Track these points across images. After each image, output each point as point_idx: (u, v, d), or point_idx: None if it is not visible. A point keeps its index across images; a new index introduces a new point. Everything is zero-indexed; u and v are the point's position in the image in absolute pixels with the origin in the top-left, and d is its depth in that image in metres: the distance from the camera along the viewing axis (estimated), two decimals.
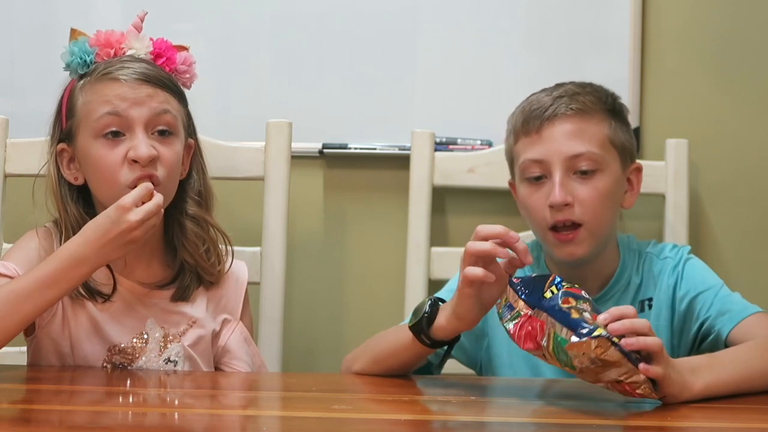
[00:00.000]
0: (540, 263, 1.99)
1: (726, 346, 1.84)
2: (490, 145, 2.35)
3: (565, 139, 1.89)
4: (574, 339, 1.53)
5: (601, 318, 1.56)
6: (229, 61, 2.42)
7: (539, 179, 1.90)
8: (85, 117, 1.86)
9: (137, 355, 1.87)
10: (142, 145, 1.82)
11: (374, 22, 2.40)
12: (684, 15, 2.38)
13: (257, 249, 2.21)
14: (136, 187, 1.79)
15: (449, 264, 2.26)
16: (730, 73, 2.38)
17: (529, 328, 1.59)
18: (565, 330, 1.55)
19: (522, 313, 1.60)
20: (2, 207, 2.22)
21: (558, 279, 1.63)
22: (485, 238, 1.67)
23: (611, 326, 1.54)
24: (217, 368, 1.93)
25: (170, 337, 1.89)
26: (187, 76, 1.96)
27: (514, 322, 1.61)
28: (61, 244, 1.82)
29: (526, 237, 2.17)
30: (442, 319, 1.72)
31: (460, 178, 2.32)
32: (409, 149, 2.32)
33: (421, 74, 2.41)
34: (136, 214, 1.72)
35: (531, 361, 1.93)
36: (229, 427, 1.52)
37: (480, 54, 2.39)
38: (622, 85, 2.32)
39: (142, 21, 1.93)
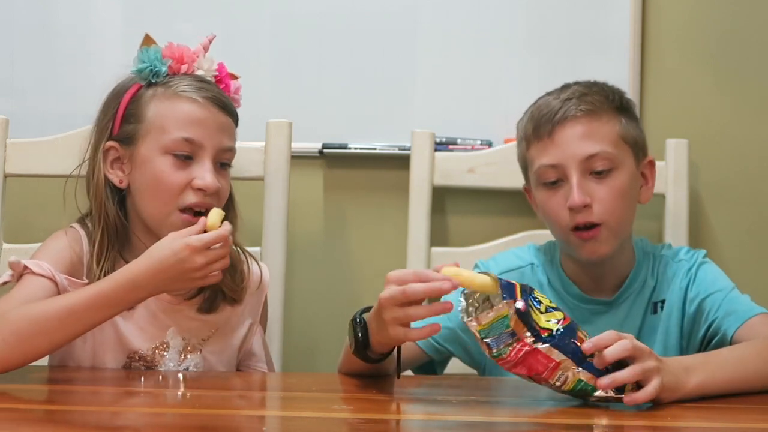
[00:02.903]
0: (554, 263, 1.99)
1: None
2: (490, 145, 2.35)
3: (578, 140, 1.89)
4: (611, 395, 1.57)
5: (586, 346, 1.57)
6: (229, 61, 2.41)
7: (555, 183, 1.90)
8: (157, 130, 1.86)
9: (156, 363, 1.87)
10: (209, 175, 1.84)
11: (374, 22, 2.40)
12: (684, 15, 2.38)
13: (257, 249, 2.21)
14: (186, 209, 1.82)
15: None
16: (730, 73, 2.38)
17: (526, 357, 1.55)
18: (595, 380, 1.57)
19: (521, 338, 1.55)
20: (2, 207, 2.22)
21: (531, 291, 1.60)
22: (398, 283, 1.62)
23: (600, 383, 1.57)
24: (240, 371, 1.95)
25: (189, 348, 1.90)
26: (235, 104, 1.97)
27: (510, 348, 1.55)
28: (94, 245, 1.84)
29: (525, 238, 2.17)
30: (376, 338, 1.67)
31: (460, 178, 2.32)
32: (409, 149, 2.32)
33: (421, 74, 2.41)
34: (204, 257, 1.71)
35: None
36: (229, 426, 1.52)
37: (480, 54, 2.39)
38: (622, 85, 2.30)
39: (210, 42, 1.94)
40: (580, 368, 1.56)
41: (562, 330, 1.56)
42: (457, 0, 2.39)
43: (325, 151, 2.38)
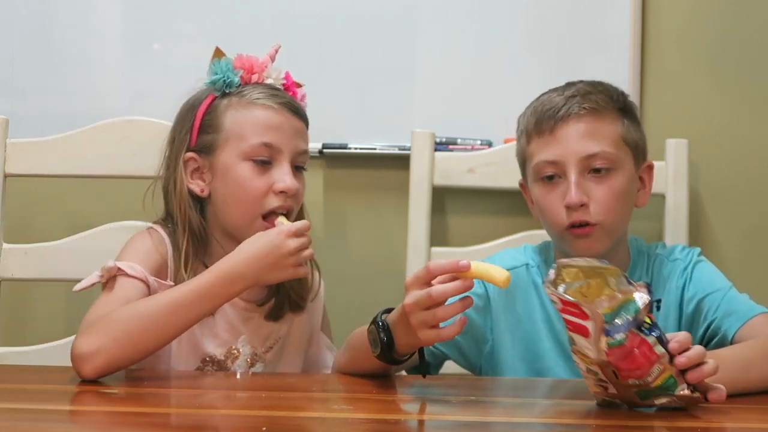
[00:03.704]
0: (549, 264, 1.98)
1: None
2: (490, 145, 2.35)
3: (579, 139, 1.88)
4: (687, 393, 1.54)
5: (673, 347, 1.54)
6: None
7: (553, 179, 1.90)
8: (235, 137, 1.90)
9: (228, 367, 1.91)
10: (289, 177, 1.89)
11: (374, 22, 2.40)
12: (684, 15, 2.38)
13: None
14: (269, 214, 1.87)
15: None
16: (730, 73, 2.38)
17: (637, 346, 1.50)
18: (681, 377, 1.54)
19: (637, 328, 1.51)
20: (2, 207, 2.22)
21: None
22: (418, 287, 1.63)
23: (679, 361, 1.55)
24: None
25: (257, 356, 1.94)
26: None
27: (627, 336, 1.49)
28: (180, 252, 1.88)
29: (525, 238, 2.17)
30: (402, 340, 1.68)
31: (460, 178, 2.32)
32: (409, 149, 2.32)
33: (421, 74, 2.41)
34: (296, 242, 1.79)
35: (534, 365, 1.93)
36: (229, 426, 1.52)
37: (480, 54, 2.39)
38: (622, 85, 2.29)
39: (276, 52, 1.98)
40: (673, 365, 1.53)
41: (657, 324, 1.53)
42: (457, 0, 2.39)
43: (325, 151, 2.38)
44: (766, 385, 1.69)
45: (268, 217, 1.88)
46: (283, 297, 1.96)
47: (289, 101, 1.94)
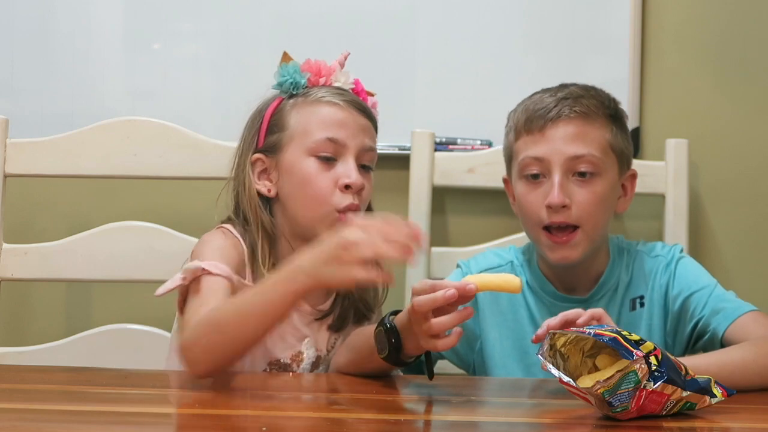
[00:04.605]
0: (532, 265, 1.99)
1: (722, 344, 1.85)
2: (490, 145, 2.35)
3: (567, 140, 1.89)
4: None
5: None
6: (229, 61, 2.42)
7: (537, 177, 1.91)
8: (300, 134, 1.90)
9: (294, 370, 1.92)
10: (354, 172, 1.87)
11: (374, 22, 2.40)
12: (684, 15, 2.38)
13: None
14: (345, 212, 1.85)
15: (449, 264, 2.26)
16: (730, 73, 2.38)
17: (644, 401, 1.48)
18: (698, 397, 1.53)
19: (642, 387, 1.47)
20: (2, 207, 2.21)
21: (620, 332, 1.52)
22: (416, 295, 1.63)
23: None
24: None
25: (321, 359, 1.94)
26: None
27: (632, 399, 1.48)
28: (257, 252, 1.87)
29: (525, 238, 2.17)
30: (410, 342, 1.69)
31: (460, 178, 2.32)
32: (409, 149, 2.32)
33: (421, 74, 2.41)
34: (353, 234, 1.60)
35: (524, 361, 1.93)
36: (229, 426, 1.52)
37: (480, 54, 2.39)
38: (622, 85, 2.32)
39: (345, 59, 1.99)
40: (687, 391, 1.52)
41: (663, 361, 1.50)
42: (457, 0, 2.39)
43: None
44: (762, 383, 1.70)
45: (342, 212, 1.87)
46: (348, 306, 1.95)
47: (355, 100, 1.94)
